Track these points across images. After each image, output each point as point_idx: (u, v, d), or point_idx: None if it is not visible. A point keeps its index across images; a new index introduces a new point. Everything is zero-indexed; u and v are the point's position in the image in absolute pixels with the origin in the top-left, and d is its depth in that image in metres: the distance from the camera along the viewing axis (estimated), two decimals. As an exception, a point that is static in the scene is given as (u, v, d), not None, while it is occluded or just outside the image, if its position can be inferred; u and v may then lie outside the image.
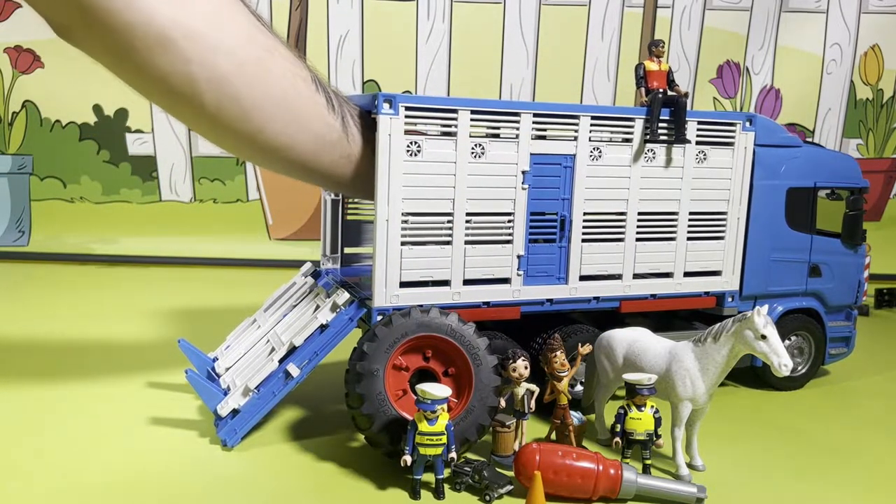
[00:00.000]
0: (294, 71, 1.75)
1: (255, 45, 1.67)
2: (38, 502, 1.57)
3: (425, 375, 1.80)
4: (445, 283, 1.95)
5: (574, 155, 2.03)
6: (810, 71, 4.71)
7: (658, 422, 1.74)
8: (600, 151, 2.05)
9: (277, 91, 1.71)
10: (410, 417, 1.66)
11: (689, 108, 2.12)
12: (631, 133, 2.08)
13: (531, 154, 1.98)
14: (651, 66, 2.12)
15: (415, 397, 1.64)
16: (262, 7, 4.47)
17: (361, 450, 1.85)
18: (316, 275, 2.29)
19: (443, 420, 1.61)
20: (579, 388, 2.12)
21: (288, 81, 1.73)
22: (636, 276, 2.15)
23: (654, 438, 1.74)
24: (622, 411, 1.76)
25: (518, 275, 2.02)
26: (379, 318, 1.82)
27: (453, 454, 1.63)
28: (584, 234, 2.07)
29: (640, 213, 2.13)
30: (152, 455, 1.80)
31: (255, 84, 1.66)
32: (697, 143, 2.16)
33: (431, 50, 4.59)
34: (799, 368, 2.44)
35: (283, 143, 1.77)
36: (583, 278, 2.09)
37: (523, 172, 1.98)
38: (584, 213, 2.06)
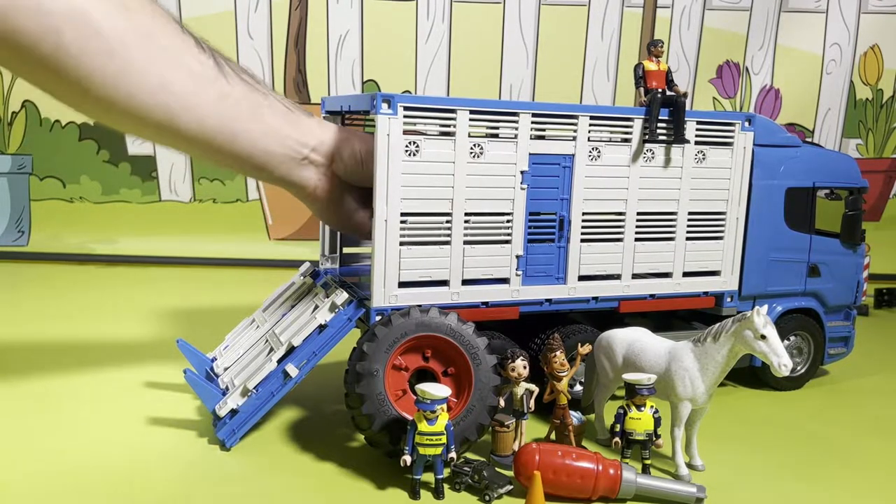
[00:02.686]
0: (153, 7, 1.65)
1: None
2: (36, 502, 1.57)
3: (424, 375, 1.80)
4: (444, 283, 1.95)
5: (573, 155, 2.03)
6: (810, 71, 4.71)
7: (658, 422, 1.74)
8: (599, 151, 2.05)
9: (143, 23, 1.60)
10: (410, 417, 1.66)
11: (688, 108, 2.12)
12: (630, 133, 2.08)
13: (530, 154, 1.98)
14: (650, 65, 2.12)
15: (414, 397, 1.64)
16: (261, 7, 4.48)
17: (361, 450, 1.85)
18: (315, 275, 2.29)
19: (442, 420, 1.61)
20: (579, 388, 2.12)
21: (149, 15, 1.63)
22: (635, 276, 2.15)
23: (654, 438, 1.74)
24: (622, 411, 1.76)
25: (517, 275, 2.02)
26: (377, 318, 1.82)
27: (453, 454, 1.63)
28: (582, 234, 2.07)
29: (638, 213, 2.13)
30: (151, 455, 1.80)
31: (117, 16, 1.55)
32: (696, 143, 2.16)
33: (431, 50, 4.59)
34: (798, 368, 2.44)
35: (158, 82, 1.64)
36: (582, 278, 2.09)
37: (522, 172, 1.98)
38: (583, 213, 2.06)
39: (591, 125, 2.03)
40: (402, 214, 1.87)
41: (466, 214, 1.94)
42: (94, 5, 1.51)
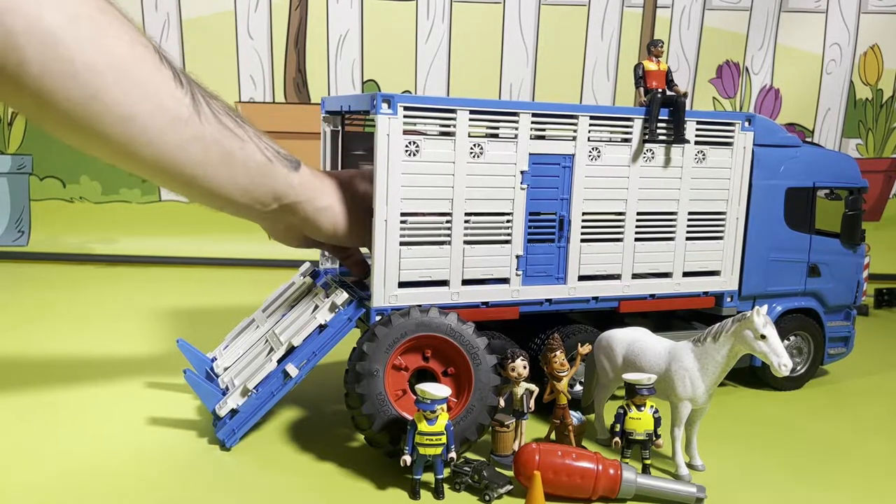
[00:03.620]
0: (133, 37, 1.56)
1: (87, 1, 1.48)
2: (36, 502, 1.57)
3: (424, 375, 1.80)
4: (444, 283, 1.95)
5: (573, 155, 2.03)
6: (810, 71, 4.71)
7: (658, 422, 1.74)
8: (599, 151, 2.05)
9: (117, 51, 1.50)
10: (410, 417, 1.66)
11: (688, 107, 2.12)
12: (630, 133, 2.08)
13: (530, 154, 1.98)
14: (650, 65, 2.12)
15: (414, 397, 1.64)
16: (261, 7, 4.48)
17: (361, 450, 1.85)
18: (315, 275, 2.29)
19: (442, 420, 1.61)
20: (579, 388, 2.12)
21: (126, 44, 1.53)
22: (635, 276, 2.15)
23: (654, 438, 1.74)
24: (622, 411, 1.76)
25: (517, 275, 2.02)
26: (377, 318, 1.82)
27: (453, 454, 1.63)
28: (582, 234, 2.07)
29: (638, 213, 2.13)
30: (151, 455, 1.80)
31: (89, 42, 1.45)
32: (696, 142, 2.16)
33: (431, 50, 4.59)
34: (798, 368, 2.44)
35: (123, 113, 1.54)
36: (582, 278, 2.09)
37: (522, 172, 1.98)
38: (583, 213, 2.06)
39: (591, 125, 2.03)
40: (402, 214, 1.87)
41: (466, 214, 1.94)
42: (66, 29, 1.43)
